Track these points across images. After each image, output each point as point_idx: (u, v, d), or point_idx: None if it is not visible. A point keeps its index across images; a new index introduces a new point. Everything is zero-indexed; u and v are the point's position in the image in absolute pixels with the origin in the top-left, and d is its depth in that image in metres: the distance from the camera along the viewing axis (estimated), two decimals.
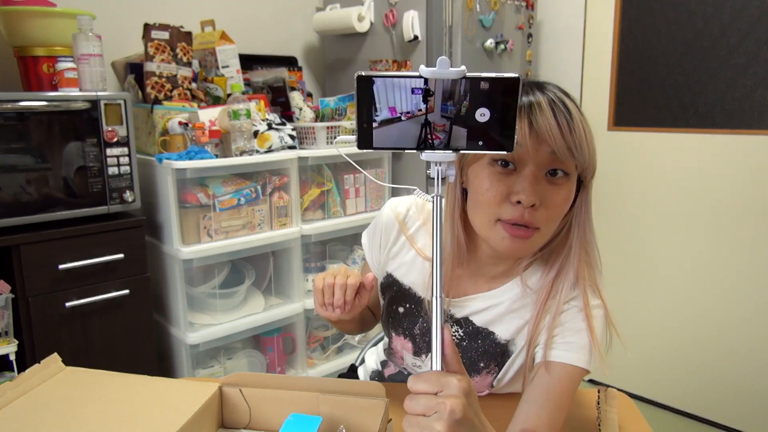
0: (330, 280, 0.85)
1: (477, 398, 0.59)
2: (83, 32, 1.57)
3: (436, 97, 0.61)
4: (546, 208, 0.75)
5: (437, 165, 0.62)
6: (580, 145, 0.73)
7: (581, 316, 0.81)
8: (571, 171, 0.76)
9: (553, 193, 0.75)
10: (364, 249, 1.04)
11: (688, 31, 2.13)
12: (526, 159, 0.73)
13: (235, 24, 2.29)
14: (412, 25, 2.11)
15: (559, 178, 0.75)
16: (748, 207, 2.07)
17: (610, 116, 2.37)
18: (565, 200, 0.77)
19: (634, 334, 2.40)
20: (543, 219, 0.75)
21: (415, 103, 0.62)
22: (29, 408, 0.75)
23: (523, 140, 0.73)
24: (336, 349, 2.21)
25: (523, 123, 0.73)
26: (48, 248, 1.52)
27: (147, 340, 1.73)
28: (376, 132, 0.63)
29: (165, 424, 0.70)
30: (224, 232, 1.82)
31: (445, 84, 0.60)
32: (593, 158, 0.77)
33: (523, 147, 0.73)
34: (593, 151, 0.76)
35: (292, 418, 0.72)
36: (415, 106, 0.62)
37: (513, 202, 0.74)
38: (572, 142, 0.72)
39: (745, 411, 2.16)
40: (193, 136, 1.77)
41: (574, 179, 0.77)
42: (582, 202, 0.81)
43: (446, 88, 0.60)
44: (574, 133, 0.72)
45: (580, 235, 0.81)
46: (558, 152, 0.72)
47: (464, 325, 0.91)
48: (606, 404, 0.94)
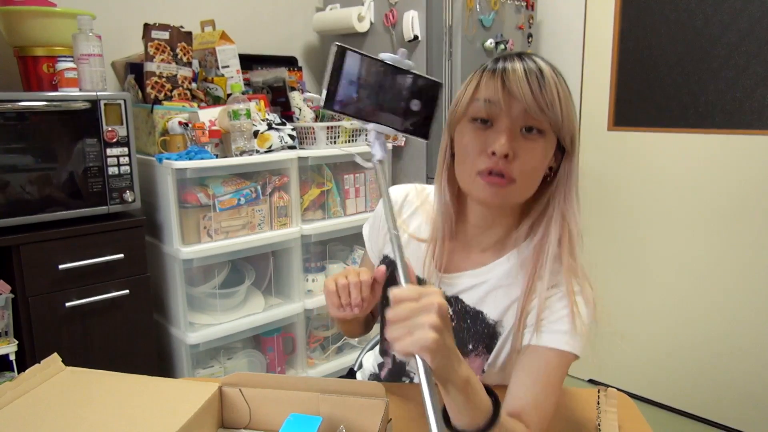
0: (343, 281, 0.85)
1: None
2: (83, 32, 1.57)
3: (387, 81, 0.73)
4: (520, 160, 0.80)
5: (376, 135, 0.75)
6: (552, 104, 0.78)
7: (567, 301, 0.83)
8: (546, 129, 0.80)
9: (526, 148, 0.80)
10: (364, 239, 1.07)
11: (688, 31, 2.13)
12: (501, 115, 0.80)
13: (235, 24, 2.29)
14: (412, 25, 2.11)
15: (533, 135, 0.80)
16: (748, 207, 2.07)
17: (610, 116, 2.37)
18: (540, 156, 0.81)
19: (634, 334, 2.41)
20: (517, 171, 0.80)
21: (374, 81, 0.73)
22: (29, 408, 0.75)
23: (497, 98, 0.79)
24: (336, 349, 2.21)
25: (497, 83, 0.79)
26: (48, 248, 1.52)
27: (147, 340, 1.73)
28: (339, 97, 0.72)
29: (165, 424, 0.70)
30: (224, 232, 1.82)
31: (396, 74, 0.74)
32: (569, 120, 0.81)
33: (497, 105, 0.79)
34: (568, 112, 0.81)
35: (292, 418, 0.72)
36: (372, 84, 0.73)
37: (489, 154, 0.80)
38: (543, 100, 0.77)
39: (745, 411, 2.16)
40: (193, 136, 1.77)
41: (551, 139, 0.82)
42: (565, 171, 0.85)
43: (396, 77, 0.74)
44: (544, 92, 0.77)
45: (561, 203, 0.85)
46: (529, 109, 0.78)
47: (454, 304, 0.92)
48: (606, 404, 0.94)
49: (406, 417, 0.94)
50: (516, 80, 0.77)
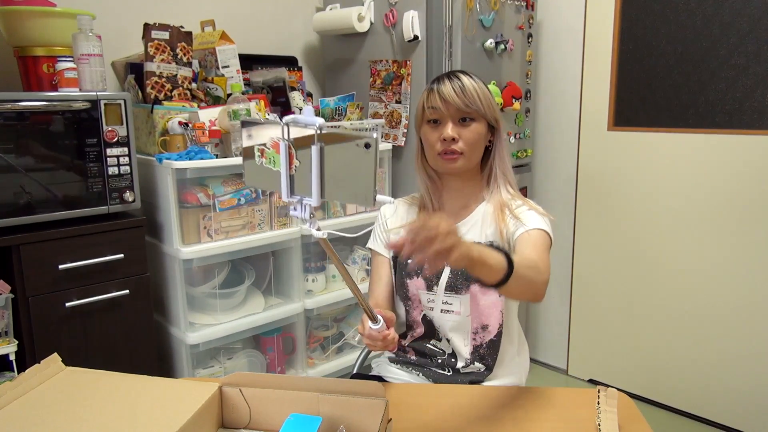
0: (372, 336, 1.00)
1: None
2: (83, 32, 1.57)
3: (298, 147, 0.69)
4: (463, 139, 1.19)
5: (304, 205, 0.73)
6: (473, 101, 1.17)
7: (526, 208, 1.21)
8: (475, 116, 1.19)
9: (465, 130, 1.19)
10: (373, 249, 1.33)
11: (688, 31, 2.13)
12: (444, 115, 1.19)
13: (235, 24, 2.29)
14: (412, 25, 2.11)
15: (467, 122, 1.19)
16: (748, 207, 2.07)
17: (610, 116, 2.37)
18: (474, 134, 1.19)
19: (634, 334, 2.41)
20: (462, 146, 1.19)
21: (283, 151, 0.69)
22: (29, 408, 0.75)
23: (438, 106, 1.18)
24: (336, 349, 2.21)
25: (436, 96, 1.18)
26: (48, 248, 1.52)
27: (147, 340, 1.73)
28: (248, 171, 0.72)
29: (165, 424, 0.70)
30: (224, 232, 1.82)
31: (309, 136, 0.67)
32: (489, 108, 1.20)
33: (438, 110, 1.18)
34: (488, 103, 1.20)
35: (292, 419, 0.72)
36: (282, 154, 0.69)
37: (441, 140, 1.19)
38: (465, 99, 1.17)
39: (745, 411, 2.16)
40: (193, 136, 1.77)
41: (482, 121, 1.20)
42: (497, 140, 1.25)
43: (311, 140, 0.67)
44: (466, 94, 1.17)
45: (498, 158, 1.25)
46: (459, 107, 1.17)
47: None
48: (606, 404, 0.94)
49: (406, 417, 0.94)
50: (447, 91, 1.18)
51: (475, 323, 1.22)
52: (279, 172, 0.72)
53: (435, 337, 1.26)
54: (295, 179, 0.71)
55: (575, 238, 2.54)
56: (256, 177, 0.75)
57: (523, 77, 2.45)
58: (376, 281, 1.29)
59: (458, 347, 1.23)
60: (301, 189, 0.72)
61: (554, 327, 2.70)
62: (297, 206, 0.74)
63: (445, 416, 0.95)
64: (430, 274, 1.23)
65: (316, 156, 0.68)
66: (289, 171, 0.71)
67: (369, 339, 0.99)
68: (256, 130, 0.72)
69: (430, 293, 1.23)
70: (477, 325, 1.22)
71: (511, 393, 1.05)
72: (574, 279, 2.58)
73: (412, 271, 1.25)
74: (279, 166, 0.72)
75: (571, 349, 2.62)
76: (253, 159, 0.74)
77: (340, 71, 2.48)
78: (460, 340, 1.23)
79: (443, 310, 1.23)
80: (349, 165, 0.67)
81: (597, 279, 2.50)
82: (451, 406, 0.99)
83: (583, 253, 2.53)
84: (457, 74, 1.21)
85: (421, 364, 1.27)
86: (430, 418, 0.95)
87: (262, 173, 0.74)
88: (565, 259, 2.60)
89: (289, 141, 0.70)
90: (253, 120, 0.74)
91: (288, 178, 0.71)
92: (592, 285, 2.52)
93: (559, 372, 2.70)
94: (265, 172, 0.73)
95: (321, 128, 0.68)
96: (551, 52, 2.57)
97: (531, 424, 0.93)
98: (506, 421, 0.94)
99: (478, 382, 1.23)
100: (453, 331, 1.23)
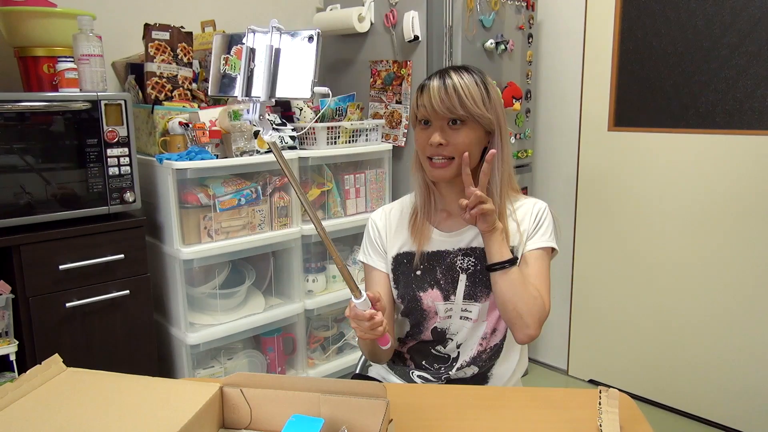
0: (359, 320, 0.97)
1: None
2: (84, 32, 1.57)
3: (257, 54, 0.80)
4: (452, 145, 1.10)
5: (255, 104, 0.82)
6: (461, 103, 1.08)
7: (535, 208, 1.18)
8: (465, 119, 1.10)
9: (454, 135, 1.10)
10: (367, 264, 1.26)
11: (689, 31, 2.13)
12: (433, 118, 1.11)
13: (235, 24, 2.29)
14: (412, 26, 2.11)
15: (457, 125, 1.10)
16: (749, 207, 2.07)
17: (610, 116, 2.37)
18: (465, 138, 1.10)
19: (635, 334, 2.41)
20: (452, 151, 1.10)
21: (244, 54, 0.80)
22: (30, 409, 0.75)
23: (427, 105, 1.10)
24: (336, 349, 2.21)
25: (423, 97, 1.11)
26: (48, 248, 1.52)
27: (147, 340, 1.73)
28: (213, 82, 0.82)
29: (165, 424, 0.70)
30: (224, 233, 1.82)
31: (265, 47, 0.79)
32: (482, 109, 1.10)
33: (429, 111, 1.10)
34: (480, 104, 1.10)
35: (294, 420, 0.72)
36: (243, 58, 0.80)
37: (429, 144, 1.11)
38: (449, 104, 1.08)
39: (745, 411, 2.16)
40: (193, 137, 1.77)
41: (473, 125, 1.11)
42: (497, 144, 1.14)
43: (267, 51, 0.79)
44: (450, 96, 1.07)
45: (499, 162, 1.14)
46: (447, 110, 1.08)
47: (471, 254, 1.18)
48: (607, 404, 0.93)
49: (407, 417, 0.94)
50: (433, 92, 1.09)
51: (489, 327, 1.20)
52: (238, 76, 0.82)
53: (441, 344, 1.23)
54: (252, 83, 0.81)
55: (575, 239, 2.54)
56: (219, 86, 0.85)
57: (524, 77, 2.45)
58: None
59: (464, 352, 1.22)
60: (256, 92, 0.81)
61: (555, 327, 2.70)
62: (250, 109, 0.82)
63: (446, 416, 0.95)
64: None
65: (268, 54, 0.79)
66: (246, 73, 0.81)
67: (355, 320, 0.95)
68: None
69: (447, 303, 1.19)
70: (488, 329, 1.20)
71: (512, 393, 1.05)
72: (574, 279, 2.58)
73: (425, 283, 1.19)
74: (239, 70, 0.82)
75: (572, 350, 2.62)
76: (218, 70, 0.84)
77: (340, 71, 2.48)
78: (468, 345, 1.21)
79: (462, 317, 1.19)
80: (294, 59, 0.79)
81: (597, 279, 2.50)
82: (452, 406, 0.99)
83: (584, 253, 2.53)
84: (450, 72, 1.11)
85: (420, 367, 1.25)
86: (431, 419, 0.95)
87: (224, 81, 0.84)
88: (566, 259, 2.60)
89: (251, 47, 0.80)
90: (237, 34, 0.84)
91: (245, 79, 0.81)
92: (593, 285, 2.52)
93: (559, 372, 2.70)
94: (227, 79, 0.84)
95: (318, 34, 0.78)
96: (551, 53, 2.57)
97: (532, 424, 0.93)
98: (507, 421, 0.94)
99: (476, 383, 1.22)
100: (466, 337, 1.20)
